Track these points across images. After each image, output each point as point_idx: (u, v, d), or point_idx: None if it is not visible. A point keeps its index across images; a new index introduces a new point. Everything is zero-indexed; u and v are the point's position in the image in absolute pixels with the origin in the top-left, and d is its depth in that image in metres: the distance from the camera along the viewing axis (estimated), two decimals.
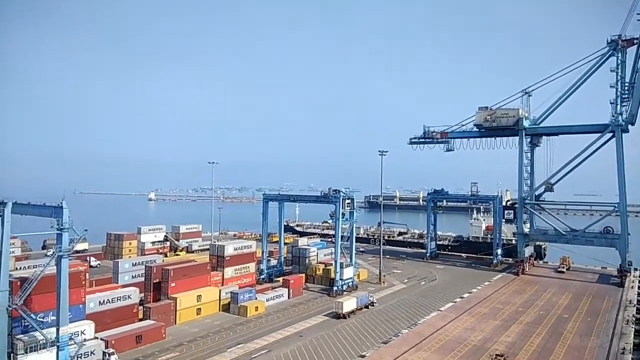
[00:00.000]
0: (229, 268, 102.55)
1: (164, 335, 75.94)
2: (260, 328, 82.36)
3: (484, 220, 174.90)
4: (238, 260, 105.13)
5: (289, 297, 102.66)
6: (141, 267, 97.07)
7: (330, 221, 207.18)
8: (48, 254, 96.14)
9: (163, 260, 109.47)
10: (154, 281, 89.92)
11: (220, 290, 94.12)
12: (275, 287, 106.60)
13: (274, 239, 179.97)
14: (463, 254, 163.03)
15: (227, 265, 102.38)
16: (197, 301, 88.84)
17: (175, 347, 72.18)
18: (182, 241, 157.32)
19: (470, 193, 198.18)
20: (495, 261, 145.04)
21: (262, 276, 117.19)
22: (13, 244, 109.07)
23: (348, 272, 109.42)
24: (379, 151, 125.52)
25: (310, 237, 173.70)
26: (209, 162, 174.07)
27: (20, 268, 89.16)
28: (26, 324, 59.07)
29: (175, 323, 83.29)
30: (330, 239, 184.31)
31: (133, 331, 73.46)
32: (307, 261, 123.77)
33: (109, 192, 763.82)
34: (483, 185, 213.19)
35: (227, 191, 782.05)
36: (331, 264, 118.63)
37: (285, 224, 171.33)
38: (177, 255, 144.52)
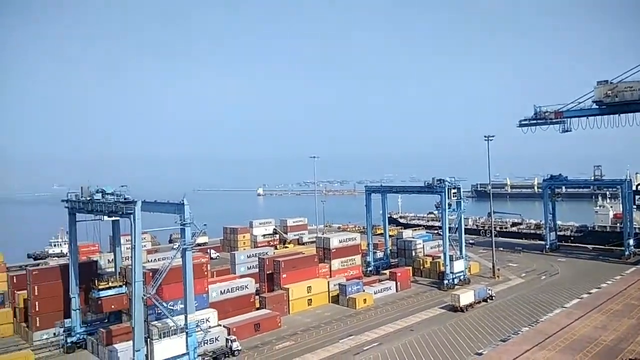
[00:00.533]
0: (335, 260, 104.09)
1: (279, 324, 79.37)
2: (370, 320, 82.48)
3: (612, 207, 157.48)
4: (343, 253, 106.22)
5: (396, 290, 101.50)
6: (255, 258, 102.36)
7: (436, 212, 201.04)
8: (174, 247, 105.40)
9: (274, 253, 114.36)
10: (267, 272, 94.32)
11: (328, 282, 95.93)
12: (382, 280, 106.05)
13: (378, 232, 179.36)
14: (588, 245, 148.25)
15: (333, 257, 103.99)
16: (308, 292, 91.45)
17: (291, 336, 75.05)
18: (289, 234, 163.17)
19: (593, 177, 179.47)
20: (627, 253, 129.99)
21: (369, 268, 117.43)
22: (144, 238, 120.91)
23: (459, 265, 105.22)
24: (485, 136, 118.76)
25: (415, 229, 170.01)
26: (311, 157, 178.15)
27: (151, 260, 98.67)
28: (158, 311, 65.04)
29: (289, 313, 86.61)
30: (436, 231, 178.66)
31: (252, 319, 77.78)
32: (413, 254, 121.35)
33: (223, 188, 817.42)
34: (607, 169, 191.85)
35: (329, 184, 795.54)
36: (439, 257, 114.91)
37: (389, 215, 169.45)
38: (286, 247, 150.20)
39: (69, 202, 72.06)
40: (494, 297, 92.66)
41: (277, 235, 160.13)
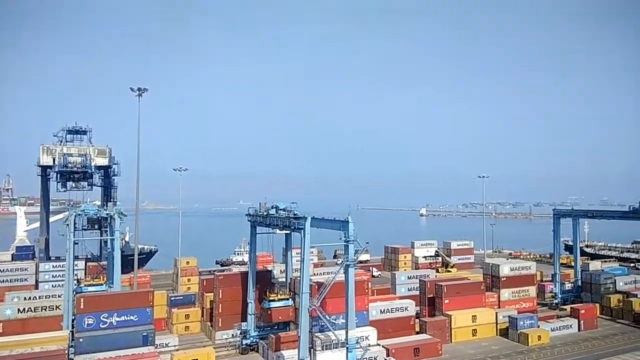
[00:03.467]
0: (505, 290, 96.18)
1: (440, 352, 76.10)
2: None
3: None
4: (515, 282, 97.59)
5: (579, 330, 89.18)
6: (416, 280, 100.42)
7: None
8: (338, 262, 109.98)
9: (436, 276, 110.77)
10: (429, 296, 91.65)
11: (497, 313, 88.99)
12: (561, 317, 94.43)
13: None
14: None
15: (502, 286, 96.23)
16: (472, 321, 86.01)
17: None
18: (453, 257, 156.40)
19: None
20: None
21: (555, 301, 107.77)
22: (312, 252, 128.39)
23: None
24: None
25: (605, 261, 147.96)
26: (479, 176, 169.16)
27: (317, 274, 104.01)
28: (322, 323, 68.02)
29: (451, 341, 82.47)
30: (632, 264, 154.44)
31: (411, 343, 76.09)
32: (601, 289, 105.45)
33: (385, 207, 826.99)
34: None
35: (500, 206, 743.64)
36: (635, 295, 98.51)
37: (571, 244, 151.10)
38: (449, 271, 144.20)
39: (250, 215, 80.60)
40: None
41: (440, 258, 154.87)
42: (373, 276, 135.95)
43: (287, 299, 77.66)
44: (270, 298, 76.80)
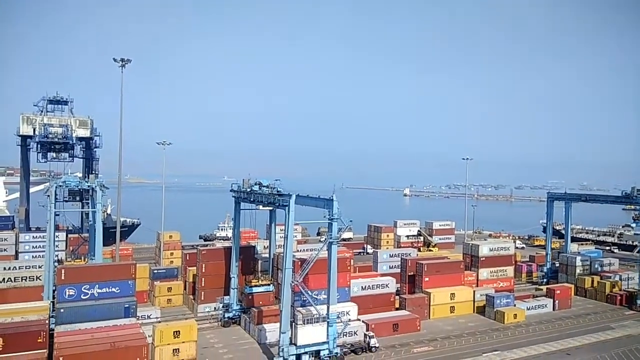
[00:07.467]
0: (483, 269, 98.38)
1: (418, 328, 77.98)
2: (518, 337, 76.18)
3: None
4: (494, 262, 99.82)
5: (553, 309, 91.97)
6: (397, 258, 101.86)
7: (634, 225, 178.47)
8: (321, 240, 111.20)
9: (417, 255, 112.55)
10: (409, 274, 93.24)
11: (474, 291, 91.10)
12: (537, 296, 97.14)
13: (535, 242, 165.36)
14: None
15: (481, 266, 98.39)
16: (451, 299, 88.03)
17: (430, 341, 73.17)
18: (435, 237, 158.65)
19: None
20: None
21: (544, 279, 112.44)
22: (295, 229, 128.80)
23: None
24: None
25: (582, 244, 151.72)
26: (463, 159, 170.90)
27: (301, 250, 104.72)
28: (304, 299, 68.83)
29: (429, 317, 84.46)
30: (607, 247, 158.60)
31: (390, 319, 77.77)
32: (576, 271, 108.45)
33: (370, 187, 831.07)
34: None
35: (482, 188, 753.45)
36: (608, 277, 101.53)
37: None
38: (430, 250, 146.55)
39: (234, 192, 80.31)
40: None
41: (422, 237, 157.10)
42: (368, 253, 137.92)
43: (269, 284, 78.33)
44: (252, 284, 77.34)
